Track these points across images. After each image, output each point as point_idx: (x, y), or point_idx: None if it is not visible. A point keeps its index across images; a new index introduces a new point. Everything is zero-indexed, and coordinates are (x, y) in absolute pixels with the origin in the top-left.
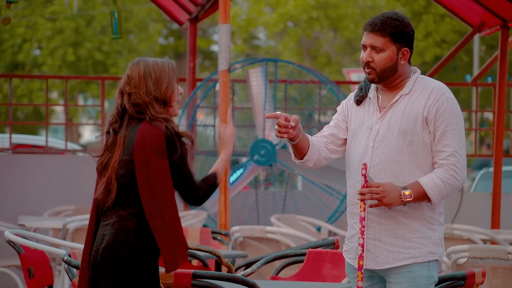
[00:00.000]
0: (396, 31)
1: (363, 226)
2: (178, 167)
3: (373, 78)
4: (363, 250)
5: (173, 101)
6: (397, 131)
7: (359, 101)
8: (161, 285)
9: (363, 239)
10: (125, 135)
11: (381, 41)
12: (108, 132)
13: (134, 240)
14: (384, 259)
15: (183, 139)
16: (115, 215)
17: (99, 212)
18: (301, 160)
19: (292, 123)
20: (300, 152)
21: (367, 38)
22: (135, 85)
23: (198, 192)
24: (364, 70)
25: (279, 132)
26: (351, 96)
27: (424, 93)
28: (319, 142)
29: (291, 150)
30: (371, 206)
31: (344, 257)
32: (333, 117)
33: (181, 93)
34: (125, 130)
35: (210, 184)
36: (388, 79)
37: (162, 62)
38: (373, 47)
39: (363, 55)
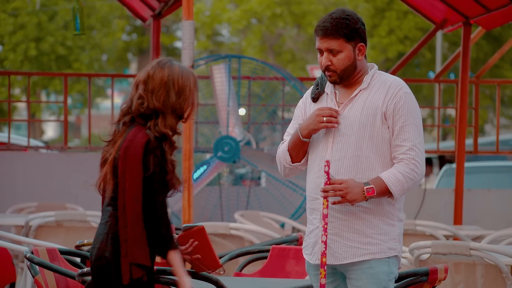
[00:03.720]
0: (348, 30)
1: (326, 223)
2: (152, 182)
3: (335, 80)
4: (325, 247)
5: (190, 118)
6: (357, 126)
7: (315, 98)
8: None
9: (326, 236)
10: (121, 134)
11: (336, 43)
12: (118, 123)
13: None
14: (343, 254)
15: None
16: (109, 213)
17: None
18: (299, 163)
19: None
20: (301, 155)
21: (321, 43)
22: (152, 89)
23: (161, 225)
24: (325, 73)
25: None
26: (308, 94)
27: (383, 88)
28: None
29: (287, 154)
30: (334, 203)
31: (303, 253)
32: (293, 119)
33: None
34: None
35: (168, 238)
36: (349, 77)
37: (187, 75)
38: (330, 50)
39: (321, 59)
